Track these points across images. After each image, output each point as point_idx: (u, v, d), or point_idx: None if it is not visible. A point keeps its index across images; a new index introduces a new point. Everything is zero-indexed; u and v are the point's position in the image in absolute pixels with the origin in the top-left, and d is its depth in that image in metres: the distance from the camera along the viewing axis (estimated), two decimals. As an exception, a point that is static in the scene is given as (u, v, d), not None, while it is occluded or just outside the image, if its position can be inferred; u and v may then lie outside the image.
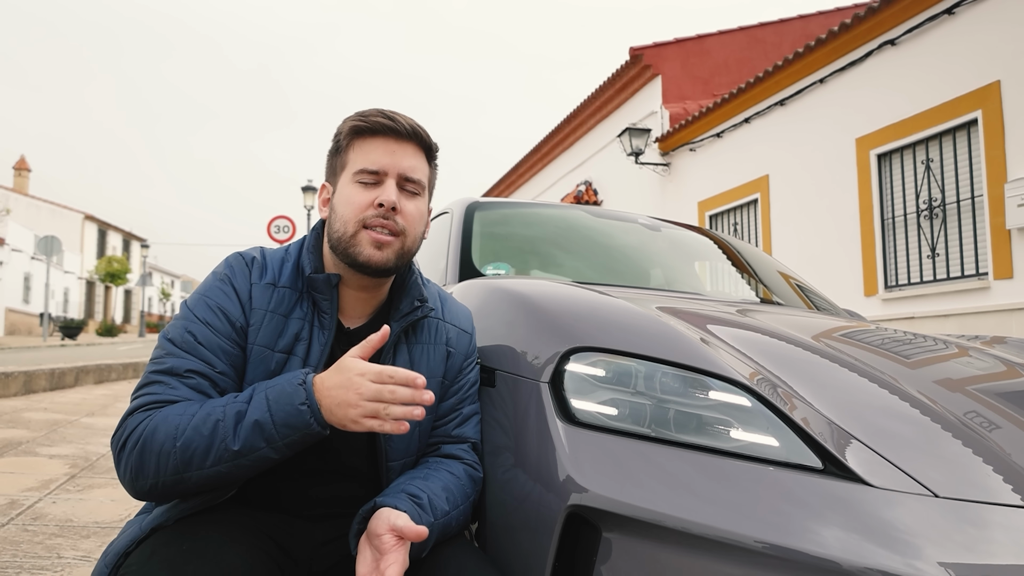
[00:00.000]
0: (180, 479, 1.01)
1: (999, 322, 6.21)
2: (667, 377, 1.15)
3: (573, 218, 2.70)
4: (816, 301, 2.58)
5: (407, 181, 1.18)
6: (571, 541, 1.09)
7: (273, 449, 1.02)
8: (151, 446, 1.01)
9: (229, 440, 1.01)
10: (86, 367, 8.29)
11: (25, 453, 3.86)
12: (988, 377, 1.49)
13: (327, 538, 1.16)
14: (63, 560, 2.17)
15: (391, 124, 1.17)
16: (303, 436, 1.03)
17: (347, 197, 1.17)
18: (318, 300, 1.18)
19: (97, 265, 39.64)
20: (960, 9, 6.62)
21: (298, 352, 1.16)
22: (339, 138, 1.21)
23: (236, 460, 1.01)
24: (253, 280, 1.18)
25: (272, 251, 1.25)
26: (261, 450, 1.02)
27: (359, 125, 1.18)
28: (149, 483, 1.02)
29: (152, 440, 1.02)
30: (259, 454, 1.02)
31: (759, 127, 9.39)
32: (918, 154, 7.16)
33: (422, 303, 1.25)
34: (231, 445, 1.01)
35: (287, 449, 1.03)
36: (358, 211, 1.16)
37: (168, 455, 1.01)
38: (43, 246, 22.26)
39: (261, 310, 1.16)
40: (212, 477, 1.02)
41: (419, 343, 1.26)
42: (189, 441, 1.01)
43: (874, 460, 1.03)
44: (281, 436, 1.02)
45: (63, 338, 25.80)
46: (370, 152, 1.17)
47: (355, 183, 1.17)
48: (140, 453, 1.02)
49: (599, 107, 13.20)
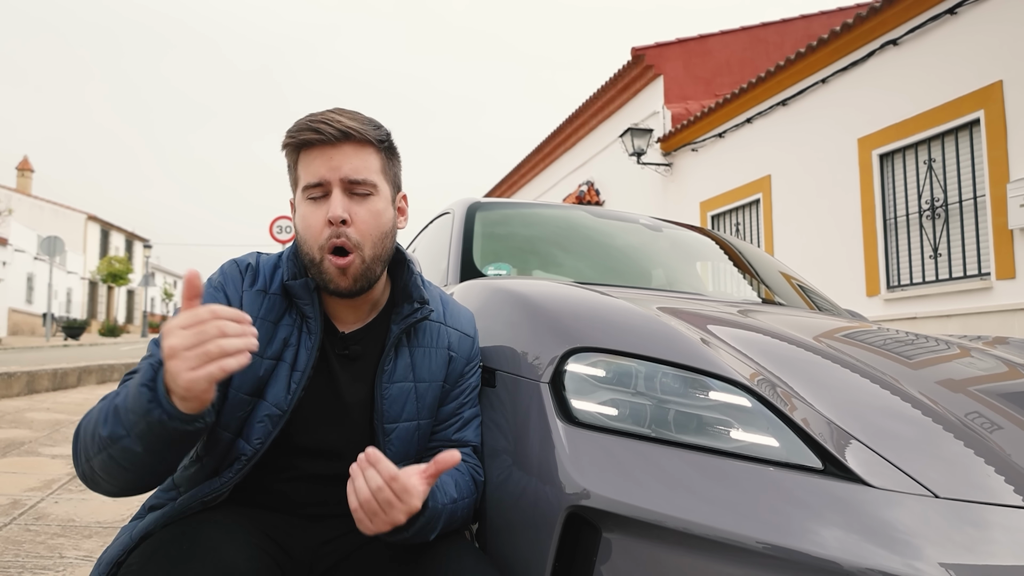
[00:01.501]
0: (90, 466, 1.00)
1: (1001, 322, 6.20)
2: (667, 377, 1.15)
3: (574, 218, 2.70)
4: (818, 301, 2.57)
5: (353, 184, 1.14)
6: (571, 541, 1.09)
7: (132, 439, 0.92)
8: (77, 435, 1.04)
9: (101, 426, 0.96)
10: (88, 367, 8.31)
11: (28, 453, 3.87)
12: (990, 378, 1.49)
13: (328, 538, 1.17)
14: (65, 560, 2.17)
15: (317, 135, 1.12)
16: (148, 424, 0.90)
17: (303, 217, 1.16)
18: (300, 306, 1.17)
19: (99, 265, 39.71)
20: (962, 9, 6.61)
21: (286, 358, 1.15)
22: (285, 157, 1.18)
23: (109, 448, 0.95)
24: (245, 287, 1.17)
25: (267, 257, 1.24)
26: (123, 439, 0.93)
27: (290, 142, 1.15)
28: (80, 470, 1.04)
29: (78, 430, 1.04)
30: (122, 444, 0.93)
31: (761, 127, 9.39)
32: (920, 154, 7.15)
33: (422, 305, 1.24)
34: (101, 431, 0.96)
35: (147, 441, 0.92)
36: (316, 236, 1.14)
37: (79, 441, 1.03)
38: (46, 246, 22.31)
39: (251, 318, 1.15)
40: (106, 465, 0.97)
41: (420, 346, 1.25)
42: (86, 428, 1.01)
43: (874, 461, 1.03)
44: (131, 423, 0.92)
45: (66, 338, 25.84)
46: (309, 164, 1.14)
47: (306, 200, 1.15)
48: (74, 442, 1.04)
49: (601, 107, 13.20)
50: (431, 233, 2.82)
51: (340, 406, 1.20)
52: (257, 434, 1.12)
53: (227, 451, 1.13)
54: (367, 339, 1.23)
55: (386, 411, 1.19)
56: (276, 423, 1.13)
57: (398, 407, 1.20)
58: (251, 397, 1.13)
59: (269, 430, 1.12)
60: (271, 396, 1.13)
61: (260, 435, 1.12)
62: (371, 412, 1.21)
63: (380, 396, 1.19)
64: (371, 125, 1.17)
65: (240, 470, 1.11)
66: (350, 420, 1.20)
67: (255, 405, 1.13)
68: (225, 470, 1.12)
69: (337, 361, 1.20)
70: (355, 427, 1.20)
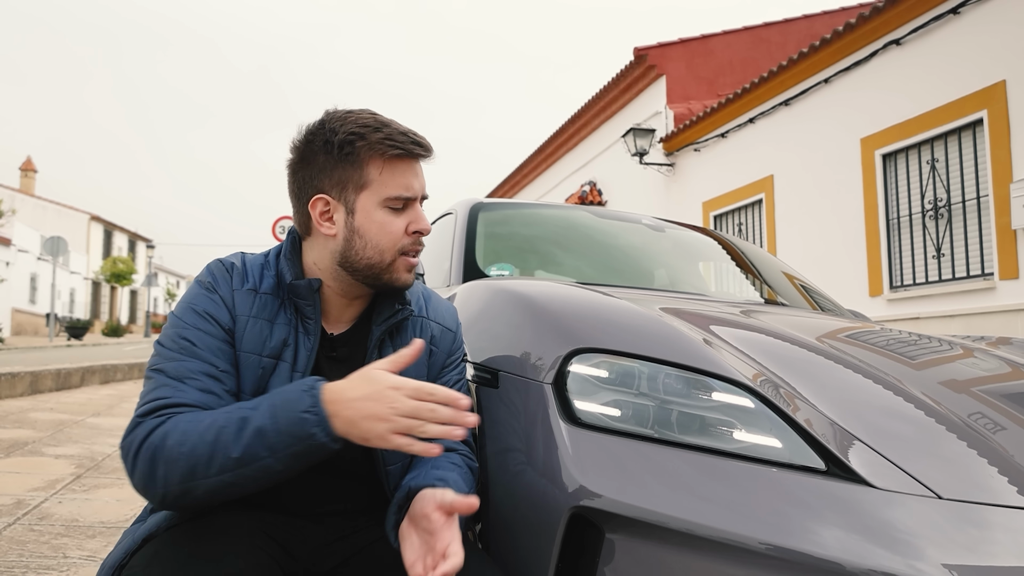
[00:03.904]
0: (187, 488, 0.98)
1: (1004, 322, 6.19)
2: (670, 378, 1.15)
3: (577, 219, 2.70)
4: (820, 302, 2.57)
5: (423, 199, 1.20)
6: (574, 542, 1.09)
7: (276, 459, 0.97)
8: (160, 454, 0.98)
9: (231, 447, 0.97)
10: (92, 367, 8.32)
11: (31, 453, 3.88)
12: (993, 378, 1.49)
13: (330, 538, 1.17)
14: (69, 560, 2.18)
15: (423, 151, 1.16)
16: (307, 447, 0.97)
17: (381, 225, 1.15)
18: (301, 306, 1.17)
19: (103, 265, 39.77)
20: (965, 9, 6.60)
21: (286, 358, 1.15)
22: (347, 149, 1.13)
23: (238, 469, 0.97)
24: (235, 286, 1.17)
25: (252, 257, 1.24)
26: (263, 460, 0.97)
27: (396, 153, 1.13)
28: (160, 492, 0.99)
29: (162, 448, 0.98)
30: (261, 464, 0.97)
31: (763, 127, 9.38)
32: (923, 154, 7.14)
33: (403, 306, 1.24)
34: (232, 452, 0.97)
35: (291, 461, 0.98)
36: (395, 239, 1.15)
37: (175, 463, 0.97)
38: (49, 247, 22.35)
39: (244, 316, 1.14)
40: (218, 487, 0.98)
41: (405, 343, 1.24)
42: (194, 448, 0.97)
43: (877, 461, 1.03)
44: (283, 445, 0.97)
45: (69, 338, 25.89)
46: (401, 177, 1.14)
47: (384, 208, 1.14)
48: (151, 460, 0.98)
49: (603, 107, 13.19)
50: (433, 234, 2.82)
51: None
52: None
53: None
54: (353, 341, 1.23)
55: None
56: None
57: None
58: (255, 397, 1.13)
59: None
60: None
61: None
62: None
63: None
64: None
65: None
66: None
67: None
68: None
69: (327, 363, 1.20)
70: None
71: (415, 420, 0.95)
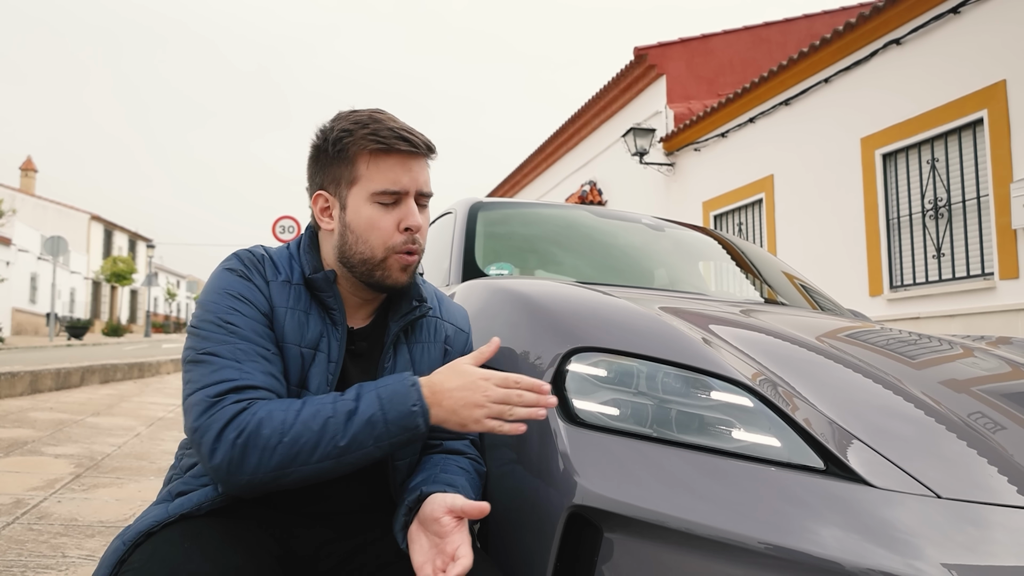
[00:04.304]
0: (282, 474, 1.01)
1: (1005, 322, 6.19)
2: (669, 377, 1.15)
3: (576, 218, 2.70)
4: (820, 301, 2.57)
5: (421, 196, 1.18)
6: (573, 541, 1.09)
7: (378, 448, 1.04)
8: (256, 440, 1.00)
9: (339, 437, 1.02)
10: (92, 367, 8.32)
11: (31, 452, 3.88)
12: (993, 378, 1.49)
13: (330, 537, 1.17)
14: (68, 559, 2.18)
15: (409, 146, 1.15)
16: (410, 437, 1.05)
17: (369, 220, 1.15)
18: (323, 299, 1.18)
19: (103, 265, 39.77)
20: (965, 8, 6.60)
21: (323, 348, 1.16)
22: (339, 146, 1.15)
23: (342, 456, 1.02)
24: (269, 277, 1.17)
25: (277, 250, 1.24)
26: (367, 448, 1.03)
27: (378, 147, 1.14)
28: (247, 477, 1.01)
29: (257, 435, 1.00)
30: (364, 452, 1.03)
31: (764, 127, 9.38)
32: (923, 154, 7.14)
33: (420, 303, 1.25)
34: (339, 442, 1.02)
35: (390, 448, 1.05)
36: (385, 237, 1.15)
37: (273, 450, 1.00)
38: (49, 246, 22.36)
39: (283, 307, 1.15)
40: (312, 474, 1.02)
41: (419, 342, 1.26)
42: (298, 436, 1.00)
43: (876, 460, 1.03)
44: (391, 435, 1.04)
45: (69, 338, 25.91)
46: (388, 171, 1.15)
47: (374, 203, 1.15)
48: (244, 447, 0.99)
49: (603, 107, 13.19)
50: (433, 233, 2.82)
51: None
52: None
53: None
54: (372, 336, 1.24)
55: None
56: None
57: None
58: (299, 388, 1.14)
59: None
60: (314, 387, 1.14)
61: None
62: None
63: None
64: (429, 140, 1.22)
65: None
66: None
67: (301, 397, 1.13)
68: None
69: (348, 356, 1.21)
70: None
71: (505, 405, 1.04)
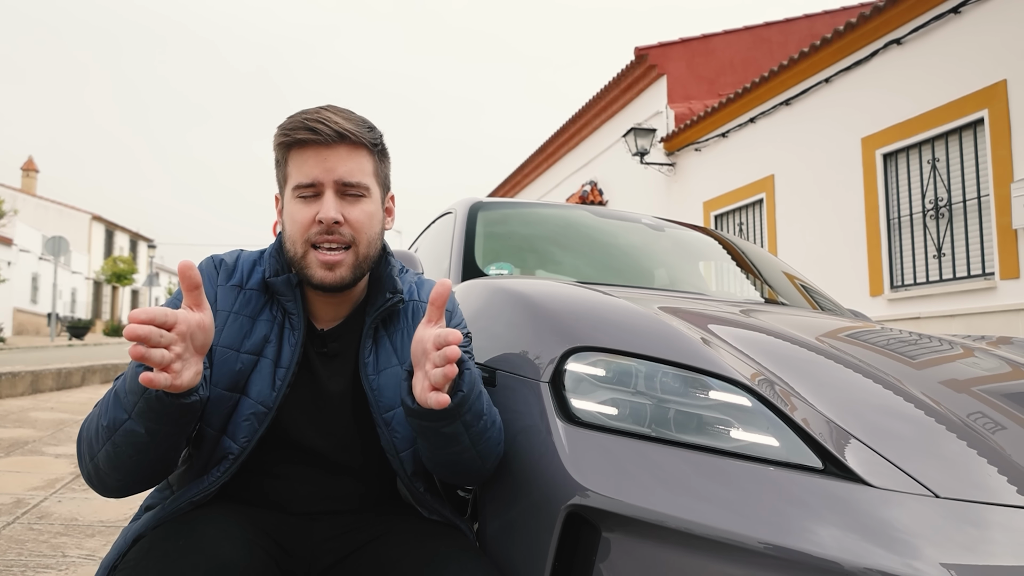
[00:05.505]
0: (94, 465, 1.05)
1: (1005, 322, 6.18)
2: (667, 377, 1.15)
3: (576, 218, 2.70)
4: (821, 301, 2.57)
5: (346, 186, 1.14)
6: (571, 541, 1.09)
7: (134, 420, 0.98)
8: (80, 434, 1.09)
9: (103, 416, 1.03)
10: (92, 367, 8.33)
11: (31, 452, 3.88)
12: (993, 378, 1.49)
13: (326, 536, 1.16)
14: (68, 559, 2.18)
15: (313, 135, 1.12)
16: (147, 401, 0.95)
17: (290, 214, 1.15)
18: (282, 302, 1.18)
19: (104, 265, 39.78)
20: (966, 8, 6.59)
21: (267, 354, 1.16)
22: (274, 147, 1.17)
23: (112, 436, 1.01)
24: (219, 283, 1.18)
25: (248, 253, 1.25)
26: (125, 422, 0.99)
27: (284, 140, 1.14)
28: (85, 470, 1.08)
29: (81, 429, 1.09)
30: (125, 427, 0.99)
31: (764, 127, 9.37)
32: (924, 154, 7.13)
33: (394, 294, 1.24)
34: (103, 421, 1.02)
35: (144, 420, 0.97)
36: (302, 230, 1.14)
37: (80, 441, 1.08)
38: (51, 246, 22.36)
39: (224, 311, 1.16)
40: (110, 457, 1.03)
41: (398, 330, 1.25)
42: (88, 425, 1.07)
43: (874, 460, 1.03)
44: (131, 404, 0.97)
45: (70, 338, 25.92)
46: (302, 164, 1.14)
47: (296, 199, 1.15)
48: (78, 442, 1.09)
49: (604, 107, 13.19)
50: (433, 233, 2.82)
51: (324, 403, 1.20)
52: (243, 432, 1.12)
53: (213, 449, 1.13)
54: (345, 335, 1.23)
55: (380, 401, 1.19)
56: (262, 420, 1.13)
57: (391, 393, 1.20)
58: (230, 393, 1.13)
59: (255, 428, 1.12)
60: (255, 393, 1.13)
61: (246, 433, 1.12)
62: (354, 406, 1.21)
63: (369, 388, 1.19)
64: (365, 127, 1.17)
65: (228, 469, 1.11)
66: (334, 416, 1.20)
67: (238, 402, 1.13)
68: (213, 468, 1.12)
69: (317, 358, 1.20)
70: (339, 423, 1.21)
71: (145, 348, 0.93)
